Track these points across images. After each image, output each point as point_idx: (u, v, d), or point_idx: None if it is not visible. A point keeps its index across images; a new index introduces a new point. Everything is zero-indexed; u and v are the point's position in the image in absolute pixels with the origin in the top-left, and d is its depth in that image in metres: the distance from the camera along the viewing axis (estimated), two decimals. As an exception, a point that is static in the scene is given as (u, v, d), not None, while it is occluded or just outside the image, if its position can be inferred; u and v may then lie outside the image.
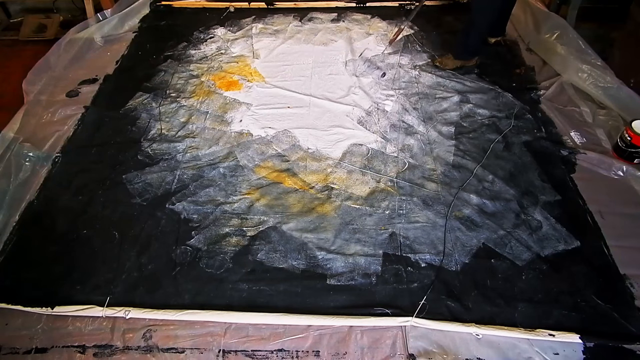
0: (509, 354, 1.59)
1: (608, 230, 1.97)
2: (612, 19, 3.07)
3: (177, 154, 2.37)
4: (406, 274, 1.83)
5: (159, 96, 2.75)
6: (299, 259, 1.90)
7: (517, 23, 3.28)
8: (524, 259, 1.88)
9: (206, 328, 1.68)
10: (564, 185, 2.17)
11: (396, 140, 2.44)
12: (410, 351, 1.60)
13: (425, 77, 2.87)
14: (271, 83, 2.86)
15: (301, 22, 3.45)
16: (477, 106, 2.63)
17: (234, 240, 1.97)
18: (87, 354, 1.62)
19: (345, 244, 1.95)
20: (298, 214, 2.08)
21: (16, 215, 2.08)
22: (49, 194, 2.19)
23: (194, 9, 3.63)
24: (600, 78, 2.59)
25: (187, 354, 1.61)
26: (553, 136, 2.44)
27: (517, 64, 2.97)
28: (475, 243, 1.94)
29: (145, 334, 1.66)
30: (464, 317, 1.69)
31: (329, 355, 1.60)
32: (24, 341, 1.65)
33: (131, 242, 1.96)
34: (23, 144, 2.36)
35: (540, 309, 1.72)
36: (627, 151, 2.25)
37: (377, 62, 2.97)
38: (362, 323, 1.68)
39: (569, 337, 1.61)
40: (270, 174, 2.27)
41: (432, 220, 2.03)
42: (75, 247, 1.94)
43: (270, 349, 1.62)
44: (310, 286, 1.80)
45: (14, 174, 2.22)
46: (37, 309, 1.71)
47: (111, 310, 1.70)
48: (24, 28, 3.46)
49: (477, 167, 2.26)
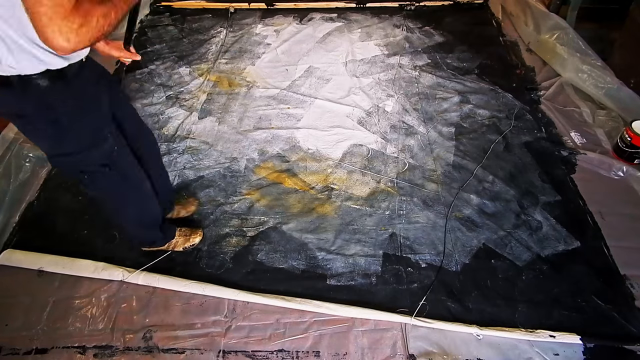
0: (509, 354, 1.59)
1: (608, 231, 1.97)
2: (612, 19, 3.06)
3: (177, 154, 2.37)
4: (406, 275, 1.83)
5: (159, 96, 2.75)
6: (299, 259, 1.90)
7: (517, 23, 3.28)
8: (524, 259, 1.88)
9: (206, 328, 1.68)
10: (564, 186, 2.17)
11: (396, 141, 2.44)
12: (410, 351, 1.60)
13: (425, 77, 2.87)
14: (271, 84, 2.86)
15: (301, 22, 3.45)
16: (478, 107, 2.63)
17: (234, 240, 1.97)
18: (87, 355, 1.62)
19: (346, 244, 1.95)
20: (298, 214, 2.08)
21: (16, 216, 2.08)
22: (49, 195, 2.19)
23: (194, 9, 3.63)
24: (600, 78, 2.59)
25: (187, 355, 1.61)
26: (553, 137, 2.44)
27: (517, 65, 2.97)
28: (475, 243, 1.94)
29: (145, 334, 1.66)
30: (464, 317, 1.69)
31: (329, 355, 1.60)
32: (24, 342, 1.65)
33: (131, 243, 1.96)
34: (23, 145, 2.36)
35: (540, 309, 1.72)
36: (627, 152, 2.25)
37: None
38: (362, 315, 1.69)
39: (569, 338, 1.61)
40: (271, 175, 2.27)
41: (433, 220, 2.03)
42: (75, 247, 1.94)
43: (270, 350, 1.62)
44: (310, 286, 1.80)
45: (14, 174, 2.22)
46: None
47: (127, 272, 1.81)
48: (24, 28, 3.45)
49: (477, 168, 2.26)
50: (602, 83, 2.58)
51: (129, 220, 1.74)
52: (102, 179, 1.46)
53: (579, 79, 2.69)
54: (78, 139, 1.32)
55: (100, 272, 1.82)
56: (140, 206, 1.69)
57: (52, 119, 1.23)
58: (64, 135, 1.28)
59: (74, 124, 1.27)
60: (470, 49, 3.12)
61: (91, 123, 1.34)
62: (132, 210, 1.69)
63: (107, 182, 1.49)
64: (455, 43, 3.18)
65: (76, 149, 1.34)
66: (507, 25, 3.36)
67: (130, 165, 1.55)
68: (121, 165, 1.48)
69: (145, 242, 1.88)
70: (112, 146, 1.41)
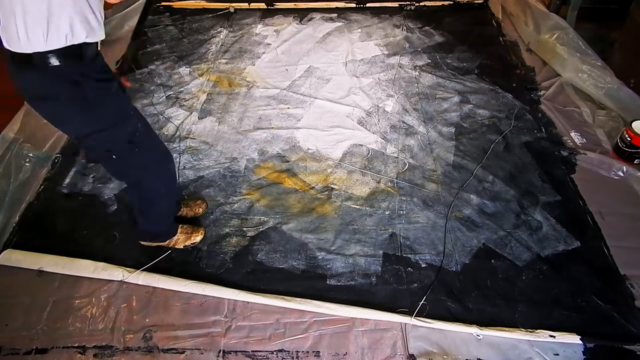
0: (509, 354, 1.59)
1: (608, 231, 1.97)
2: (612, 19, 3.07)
3: (177, 154, 2.37)
4: (406, 275, 1.83)
5: (159, 96, 2.75)
6: (299, 259, 1.90)
7: (517, 23, 3.28)
8: (524, 259, 1.88)
9: (206, 328, 1.68)
10: (564, 186, 2.17)
11: (396, 141, 2.44)
12: (410, 351, 1.60)
13: (425, 77, 2.87)
14: (271, 84, 2.86)
15: (301, 22, 3.45)
16: (478, 107, 2.63)
17: (234, 240, 1.97)
18: (87, 355, 1.61)
19: (346, 244, 1.95)
20: (298, 214, 2.08)
21: (16, 216, 2.08)
22: (49, 195, 2.19)
23: (194, 9, 3.63)
24: (600, 78, 2.59)
25: (187, 355, 1.61)
26: (553, 137, 2.44)
27: (517, 65, 2.97)
28: (475, 243, 1.94)
29: (145, 334, 1.66)
30: (464, 317, 1.69)
31: (329, 355, 1.60)
32: (24, 342, 1.65)
33: (131, 243, 1.96)
34: (23, 145, 2.36)
35: (540, 309, 1.72)
36: (627, 152, 2.25)
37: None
38: (362, 315, 1.69)
39: (570, 338, 1.61)
40: (271, 175, 2.27)
41: (433, 220, 2.03)
42: (75, 247, 1.94)
43: (270, 350, 1.62)
44: (310, 286, 1.80)
45: (14, 174, 2.22)
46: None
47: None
48: (24, 28, 3.45)
49: (477, 168, 2.26)
50: (602, 83, 2.58)
51: (156, 200, 1.73)
52: (131, 157, 1.50)
53: (579, 79, 2.69)
54: (104, 115, 1.38)
55: (100, 272, 1.83)
56: (169, 184, 1.74)
57: (79, 96, 1.29)
58: (91, 111, 1.34)
59: (99, 100, 1.34)
60: (470, 49, 3.12)
61: (115, 101, 1.41)
62: (162, 188, 1.70)
63: (136, 159, 1.52)
64: (455, 43, 3.18)
65: (103, 125, 1.39)
66: (507, 25, 3.36)
67: (156, 142, 1.61)
68: (147, 142, 1.53)
69: (147, 235, 1.87)
70: (136, 124, 1.47)
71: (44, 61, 1.19)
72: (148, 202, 1.74)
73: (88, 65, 1.29)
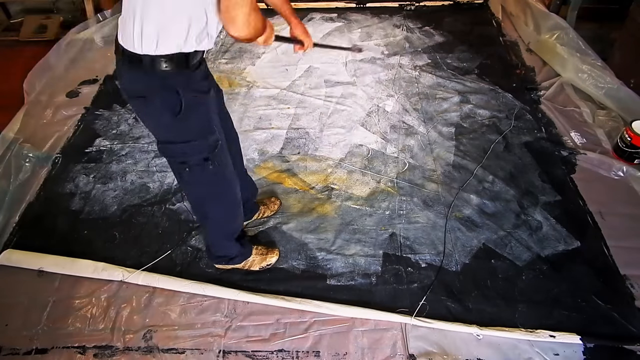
0: (509, 354, 1.59)
1: (608, 231, 1.97)
2: (612, 19, 3.07)
3: (177, 154, 2.37)
4: (406, 275, 1.83)
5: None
6: (299, 259, 1.90)
7: (517, 23, 3.28)
8: (524, 259, 1.88)
9: (206, 328, 1.68)
10: (564, 186, 2.17)
11: (396, 141, 2.44)
12: (410, 351, 1.60)
13: (425, 77, 2.87)
14: (271, 84, 2.86)
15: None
16: (478, 107, 2.63)
17: (234, 240, 1.97)
18: (87, 355, 1.61)
19: (346, 244, 1.95)
20: (298, 214, 2.08)
21: (16, 216, 2.08)
22: (49, 195, 2.19)
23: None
24: (600, 78, 2.59)
25: (188, 355, 1.61)
26: (553, 137, 2.44)
27: (517, 65, 2.97)
28: (475, 243, 1.94)
29: (145, 334, 1.66)
30: (464, 317, 1.69)
31: (329, 355, 1.60)
32: (24, 342, 1.65)
33: (131, 243, 1.96)
34: (23, 145, 2.36)
35: (540, 309, 1.72)
36: (627, 152, 2.25)
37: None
38: (362, 315, 1.69)
39: (570, 338, 1.61)
40: (271, 175, 2.27)
41: (433, 220, 2.03)
42: (75, 247, 1.94)
43: (270, 350, 1.62)
44: (310, 286, 1.80)
45: (14, 174, 2.22)
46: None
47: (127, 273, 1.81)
48: (24, 28, 3.46)
49: (477, 168, 2.26)
50: (602, 83, 2.58)
51: (218, 223, 1.69)
52: (202, 173, 1.46)
53: (579, 79, 2.69)
54: (190, 126, 1.36)
55: (100, 272, 1.83)
56: (231, 209, 1.66)
57: (173, 102, 1.28)
58: (179, 120, 1.31)
59: (190, 111, 1.31)
60: (470, 49, 3.12)
61: (204, 113, 1.38)
62: (223, 211, 1.65)
63: (206, 177, 1.48)
64: (455, 43, 3.19)
65: (187, 137, 1.37)
66: (507, 25, 3.37)
67: (228, 163, 1.55)
68: (221, 161, 1.48)
69: (222, 259, 1.81)
70: (216, 140, 1.43)
71: (152, 64, 1.20)
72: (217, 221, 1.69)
73: (191, 72, 1.29)
